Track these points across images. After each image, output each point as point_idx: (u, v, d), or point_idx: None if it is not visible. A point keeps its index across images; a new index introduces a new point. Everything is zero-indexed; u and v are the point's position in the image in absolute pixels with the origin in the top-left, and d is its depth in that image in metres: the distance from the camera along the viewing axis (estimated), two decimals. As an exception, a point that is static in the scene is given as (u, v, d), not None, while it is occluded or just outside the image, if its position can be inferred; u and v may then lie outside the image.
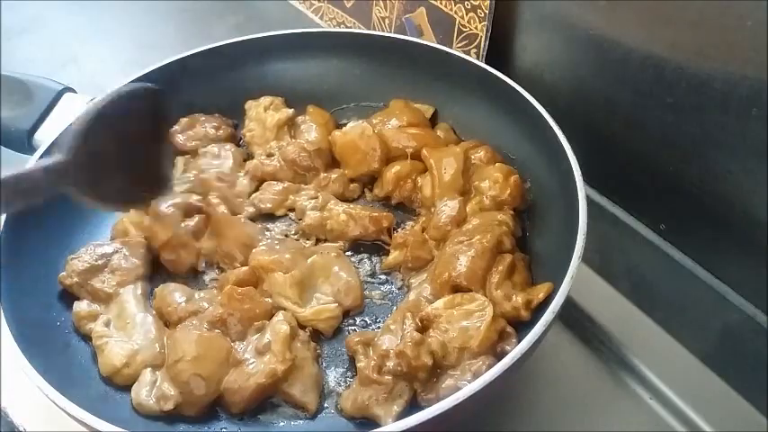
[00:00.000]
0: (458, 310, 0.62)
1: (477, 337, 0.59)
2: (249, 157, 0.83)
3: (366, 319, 0.68)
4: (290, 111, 0.83)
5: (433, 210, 0.73)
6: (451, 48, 0.86)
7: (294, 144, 0.80)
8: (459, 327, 0.60)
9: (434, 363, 0.59)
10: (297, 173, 0.79)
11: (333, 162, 0.81)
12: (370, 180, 0.80)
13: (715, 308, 0.69)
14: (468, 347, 0.59)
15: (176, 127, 0.83)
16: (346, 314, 0.68)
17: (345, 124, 0.84)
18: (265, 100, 0.84)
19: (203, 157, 0.80)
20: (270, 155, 0.80)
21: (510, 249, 0.67)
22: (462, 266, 0.64)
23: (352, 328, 0.68)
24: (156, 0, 1.25)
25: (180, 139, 0.83)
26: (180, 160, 0.81)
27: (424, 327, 0.62)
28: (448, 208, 0.71)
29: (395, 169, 0.78)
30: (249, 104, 0.85)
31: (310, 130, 0.82)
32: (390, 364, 0.58)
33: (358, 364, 0.61)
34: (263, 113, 0.83)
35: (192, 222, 0.72)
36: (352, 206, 0.75)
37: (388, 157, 0.79)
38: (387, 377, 0.58)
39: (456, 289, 0.64)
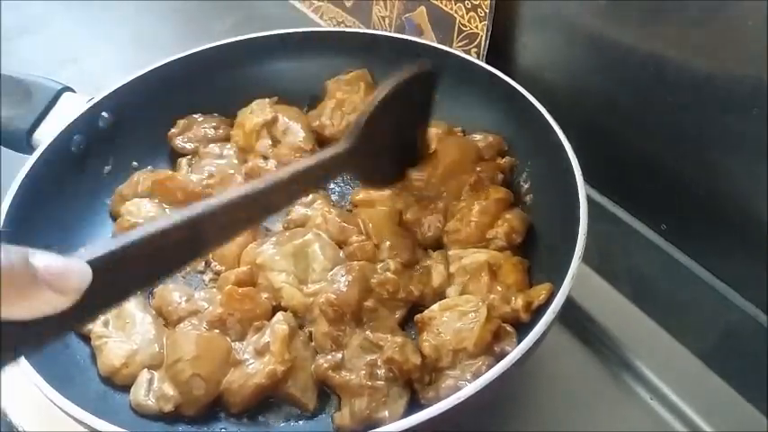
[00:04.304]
0: (452, 311, 0.61)
1: (470, 338, 0.59)
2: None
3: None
4: (269, 115, 0.82)
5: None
6: (452, 47, 0.85)
7: (287, 146, 0.79)
8: (453, 328, 0.60)
9: (429, 364, 0.59)
10: None
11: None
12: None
13: (716, 308, 0.69)
14: (464, 349, 0.59)
15: (174, 130, 0.83)
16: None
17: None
18: (254, 104, 0.84)
19: (206, 157, 0.80)
20: (265, 157, 0.80)
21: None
22: None
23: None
24: (155, 0, 1.25)
25: (179, 141, 0.82)
26: (183, 161, 0.81)
27: (419, 330, 0.62)
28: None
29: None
30: (242, 110, 0.85)
31: (296, 129, 0.81)
32: (381, 372, 0.58)
33: (338, 382, 0.60)
34: (245, 117, 0.83)
35: None
36: (329, 210, 0.73)
37: None
38: (379, 382, 0.58)
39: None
